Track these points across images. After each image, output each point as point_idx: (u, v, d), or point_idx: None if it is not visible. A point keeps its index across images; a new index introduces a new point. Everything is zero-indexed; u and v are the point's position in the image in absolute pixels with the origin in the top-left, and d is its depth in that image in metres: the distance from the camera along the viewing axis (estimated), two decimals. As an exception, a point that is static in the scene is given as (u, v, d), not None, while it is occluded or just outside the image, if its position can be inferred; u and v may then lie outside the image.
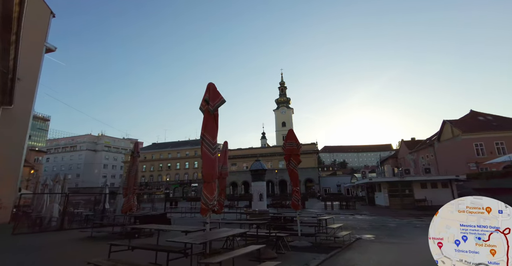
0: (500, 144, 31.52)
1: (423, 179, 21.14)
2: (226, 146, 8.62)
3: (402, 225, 12.41)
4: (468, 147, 32.40)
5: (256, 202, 13.68)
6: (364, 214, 18.29)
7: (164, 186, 71.29)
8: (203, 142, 4.41)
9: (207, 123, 4.48)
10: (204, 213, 4.05)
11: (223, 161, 8.24)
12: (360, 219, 15.28)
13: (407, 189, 21.27)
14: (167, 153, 73.03)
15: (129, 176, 9.93)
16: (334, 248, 6.41)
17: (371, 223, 13.19)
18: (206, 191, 4.15)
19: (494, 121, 34.52)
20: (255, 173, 14.14)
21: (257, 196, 13.73)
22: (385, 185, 21.90)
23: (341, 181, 55.46)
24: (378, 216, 16.75)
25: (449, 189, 20.79)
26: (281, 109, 78.37)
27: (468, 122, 34.99)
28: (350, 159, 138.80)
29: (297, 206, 6.79)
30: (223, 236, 3.79)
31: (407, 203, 20.85)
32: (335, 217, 16.72)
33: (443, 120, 37.24)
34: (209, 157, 4.32)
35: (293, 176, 7.07)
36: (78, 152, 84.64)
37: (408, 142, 52.08)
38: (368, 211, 20.34)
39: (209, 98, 4.57)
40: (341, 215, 17.79)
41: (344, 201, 22.52)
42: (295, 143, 7.21)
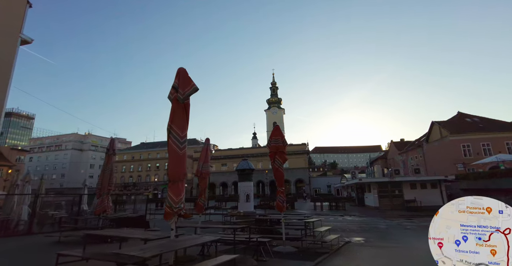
0: (486, 145, 31.94)
1: (412, 180, 21.01)
2: (207, 143, 7.99)
3: (393, 226, 12.06)
4: (456, 147, 32.72)
5: (242, 203, 13.09)
6: (353, 215, 17.96)
7: (153, 186, 69.85)
8: (170, 135, 3.80)
9: (175, 113, 3.88)
10: (168, 217, 3.45)
11: (204, 159, 7.62)
12: (350, 220, 14.90)
13: (397, 190, 21.09)
14: (156, 152, 71.63)
15: (104, 175, 9.19)
16: (321, 254, 5.90)
17: (361, 225, 12.80)
18: (171, 192, 3.55)
19: (480, 123, 35.02)
20: (242, 172, 13.55)
21: (243, 196, 13.15)
22: (375, 186, 21.67)
23: (331, 182, 55.47)
24: (368, 217, 16.42)
25: (438, 189, 20.73)
26: (273, 110, 78.02)
27: (455, 123, 35.39)
28: (341, 159, 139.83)
29: (281, 207, 6.24)
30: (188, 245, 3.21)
31: (396, 203, 20.66)
32: (324, 218, 16.31)
33: (431, 122, 37.58)
34: (176, 153, 3.72)
35: (278, 175, 6.52)
36: (64, 151, 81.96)
37: (397, 143, 52.55)
38: (357, 212, 20.04)
39: (178, 85, 3.97)
40: (330, 216, 17.39)
41: (334, 201, 22.17)
42: (280, 140, 6.67)
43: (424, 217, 15.65)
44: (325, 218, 16.46)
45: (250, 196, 13.15)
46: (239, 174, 13.67)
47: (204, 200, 7.46)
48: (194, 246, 3.32)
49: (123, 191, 69.49)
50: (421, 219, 14.96)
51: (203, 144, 8.32)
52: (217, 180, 62.15)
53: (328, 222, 13.90)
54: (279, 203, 6.29)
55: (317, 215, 18.32)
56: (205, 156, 7.68)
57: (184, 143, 3.80)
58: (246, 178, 13.34)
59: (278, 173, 6.52)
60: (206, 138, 7.99)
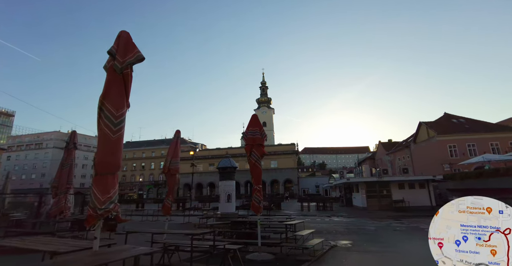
0: (472, 146, 32.19)
1: (400, 179, 20.61)
2: (178, 135, 7.06)
3: (381, 228, 11.42)
4: (443, 148, 32.85)
5: (223, 204, 12.19)
6: (341, 215, 17.35)
7: (138, 186, 67.84)
8: (102, 114, 2.88)
9: (110, 86, 2.97)
10: (90, 222, 2.55)
11: (173, 154, 6.70)
12: (337, 222, 14.23)
13: (385, 190, 20.65)
14: (141, 152, 69.62)
15: (61, 171, 8.13)
16: (301, 262, 5.09)
17: (348, 226, 12.12)
18: (97, 187, 2.64)
19: (466, 124, 35.35)
20: (223, 171, 12.63)
21: (224, 197, 12.25)
22: (363, 186, 21.18)
23: (319, 182, 55.15)
24: (355, 218, 15.82)
25: (426, 189, 20.41)
26: (262, 109, 77.25)
27: (442, 124, 35.59)
28: (329, 160, 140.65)
29: (258, 208, 5.39)
30: (107, 261, 2.33)
31: (384, 204, 20.21)
32: (310, 219, 15.60)
33: (419, 122, 37.69)
34: (107, 137, 2.81)
35: (255, 171, 5.68)
36: (44, 149, 78.69)
37: (385, 143, 52.76)
38: (345, 212, 19.47)
39: (116, 51, 3.06)
40: (317, 217, 16.71)
41: (321, 202, 21.52)
42: (258, 131, 5.83)
43: (412, 218, 15.18)
44: (312, 219, 15.76)
45: (231, 196, 12.26)
46: (220, 172, 12.75)
47: (172, 200, 6.54)
48: (116, 261, 2.43)
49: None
50: (410, 219, 14.45)
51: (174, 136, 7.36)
52: (205, 180, 60.85)
53: (315, 224, 13.19)
54: (255, 203, 5.45)
55: (303, 215, 17.61)
56: (174, 151, 6.76)
57: (120, 125, 2.89)
58: (227, 177, 12.43)
59: (255, 169, 5.68)
60: (176, 130, 7.05)
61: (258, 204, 5.41)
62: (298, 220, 7.72)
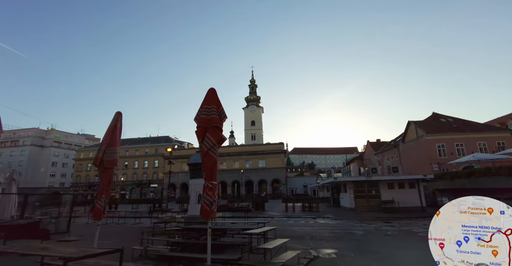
0: (460, 145, 31.81)
1: (390, 179, 19.60)
2: (118, 118, 5.47)
3: (371, 232, 10.19)
4: (431, 147, 32.36)
5: (193, 205, 10.65)
6: (327, 217, 16.12)
7: (120, 186, 65.07)
8: None
9: None
10: None
11: (109, 142, 5.16)
12: (322, 224, 12.95)
13: (374, 190, 19.61)
14: (124, 150, 66.68)
15: None
16: (266, 287, 3.69)
17: (334, 230, 10.85)
18: None
19: (454, 123, 35.03)
20: (194, 167, 11.10)
21: (194, 197, 10.71)
22: (351, 185, 20.06)
23: (307, 182, 54.17)
24: (343, 220, 14.62)
25: (416, 189, 19.48)
26: (251, 108, 75.78)
27: (431, 124, 35.13)
28: (318, 160, 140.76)
29: (208, 213, 3.94)
30: None
31: (373, 204, 19.16)
32: (294, 221, 14.30)
33: (408, 121, 37.19)
34: None
35: (208, 162, 4.23)
36: (21, 147, 74.55)
37: (373, 143, 52.32)
38: (332, 213, 18.28)
39: None
40: (302, 219, 15.42)
41: (307, 202, 20.25)
42: (216, 110, 4.39)
43: (403, 220, 14.10)
44: (295, 221, 14.44)
45: (203, 196, 10.77)
46: (190, 169, 11.25)
47: (106, 201, 5.00)
48: None
49: (87, 190, 64.29)
50: (401, 222, 13.34)
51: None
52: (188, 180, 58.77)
53: (297, 227, 11.86)
54: (204, 206, 4.00)
55: (287, 217, 16.30)
56: (111, 137, 5.22)
57: None
58: (199, 174, 10.89)
59: (209, 159, 4.23)
60: (117, 112, 5.48)
61: (209, 207, 3.95)
62: (272, 226, 6.34)
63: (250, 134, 74.29)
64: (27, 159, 72.52)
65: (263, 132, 76.63)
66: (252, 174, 56.54)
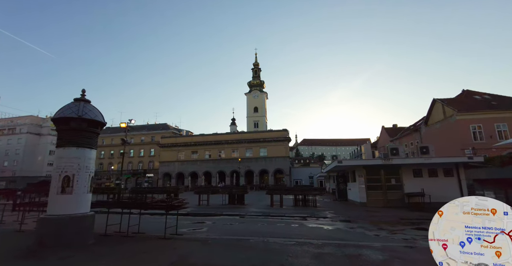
0: (502, 126, 25.47)
1: (418, 163, 13.93)
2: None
3: (398, 255, 4.90)
4: (464, 129, 26.20)
5: (53, 197, 5.59)
6: (324, 217, 10.84)
7: (115, 175, 61.72)
8: None
9: None
10: None
11: None
12: (309, 232, 7.72)
13: (394, 178, 14.12)
14: (120, 138, 62.87)
15: None
16: None
17: (325, 247, 5.60)
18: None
19: (493, 100, 28.49)
20: (66, 127, 6.03)
21: (57, 182, 5.59)
22: (362, 172, 14.62)
23: (313, 172, 48.66)
24: (346, 223, 9.35)
25: (455, 177, 13.83)
26: (254, 93, 70.09)
27: (462, 101, 28.73)
28: (329, 152, 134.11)
29: None
30: None
31: (393, 198, 13.74)
32: (267, 224, 9.08)
33: (432, 99, 30.84)
34: None
35: None
36: (18, 135, 72.41)
37: (389, 129, 45.98)
38: (334, 210, 13.01)
39: None
40: (285, 218, 10.21)
41: (301, 194, 14.96)
42: None
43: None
44: (270, 223, 9.22)
45: (77, 180, 5.67)
46: (58, 130, 6.18)
47: None
48: None
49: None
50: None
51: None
52: (186, 169, 54.55)
53: (263, 237, 6.66)
54: None
55: (264, 216, 11.13)
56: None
57: None
58: (73, 141, 5.83)
59: None
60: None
61: None
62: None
63: (253, 121, 68.92)
64: (24, 147, 70.41)
65: (266, 119, 71.09)
66: (252, 164, 51.57)
